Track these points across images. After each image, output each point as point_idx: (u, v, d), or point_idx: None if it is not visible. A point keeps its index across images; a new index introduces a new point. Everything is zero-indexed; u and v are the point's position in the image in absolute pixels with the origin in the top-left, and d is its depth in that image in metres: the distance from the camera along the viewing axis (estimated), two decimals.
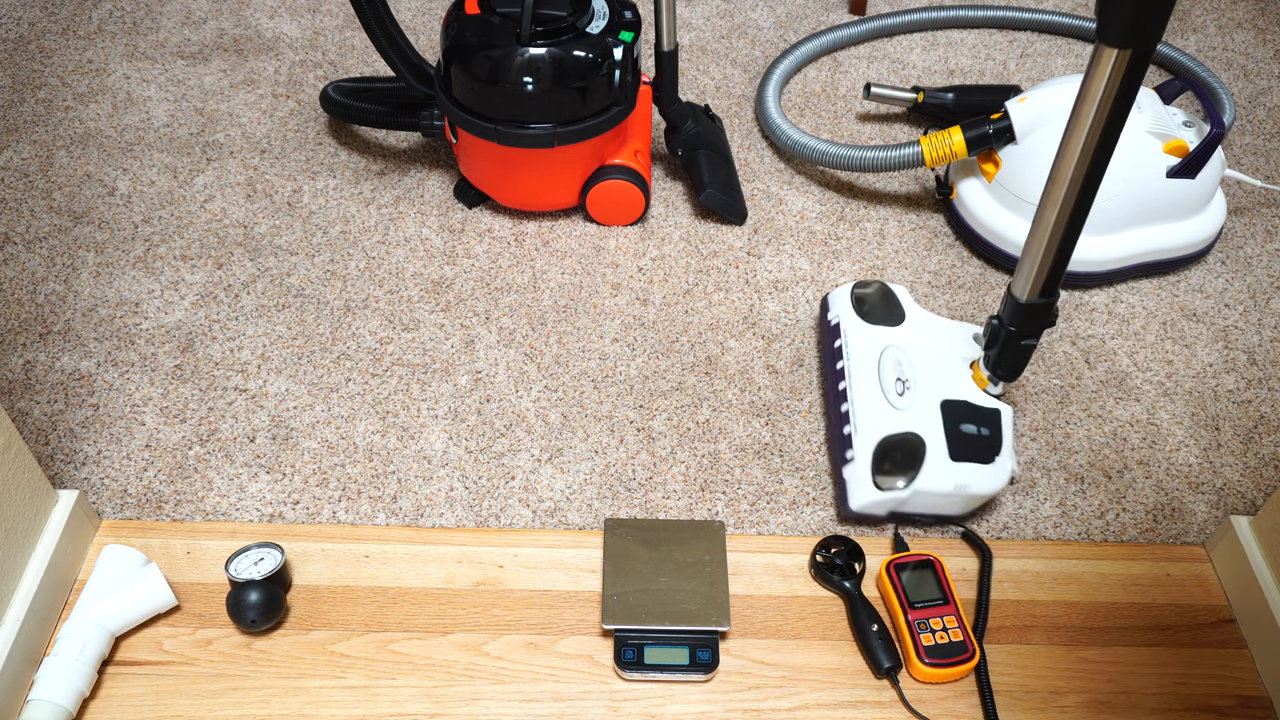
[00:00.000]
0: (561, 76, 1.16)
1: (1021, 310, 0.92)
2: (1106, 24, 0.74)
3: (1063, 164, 0.83)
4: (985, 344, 0.98)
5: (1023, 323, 0.93)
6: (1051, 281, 0.90)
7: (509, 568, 0.97)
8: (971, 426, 0.99)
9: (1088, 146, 0.80)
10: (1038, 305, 0.92)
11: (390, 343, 1.16)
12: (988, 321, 0.97)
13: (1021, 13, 1.64)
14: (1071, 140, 0.81)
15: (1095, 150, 0.80)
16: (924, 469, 0.96)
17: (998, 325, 0.95)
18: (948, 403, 1.00)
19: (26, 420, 1.07)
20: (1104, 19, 0.74)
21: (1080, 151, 0.81)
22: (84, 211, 1.29)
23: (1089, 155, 0.81)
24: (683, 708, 0.88)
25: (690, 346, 1.17)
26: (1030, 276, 0.90)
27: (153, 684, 0.88)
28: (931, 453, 0.97)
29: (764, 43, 1.62)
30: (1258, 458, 1.09)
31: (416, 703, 0.88)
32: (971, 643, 0.89)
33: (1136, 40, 0.74)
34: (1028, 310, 0.92)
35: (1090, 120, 0.79)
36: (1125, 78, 0.76)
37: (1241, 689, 0.92)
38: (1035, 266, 0.89)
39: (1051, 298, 0.91)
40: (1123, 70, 0.75)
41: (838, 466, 1.02)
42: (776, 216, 1.34)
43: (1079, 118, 0.80)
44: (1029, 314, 0.92)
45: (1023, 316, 0.93)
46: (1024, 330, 0.94)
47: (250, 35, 1.58)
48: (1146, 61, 0.75)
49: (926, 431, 0.98)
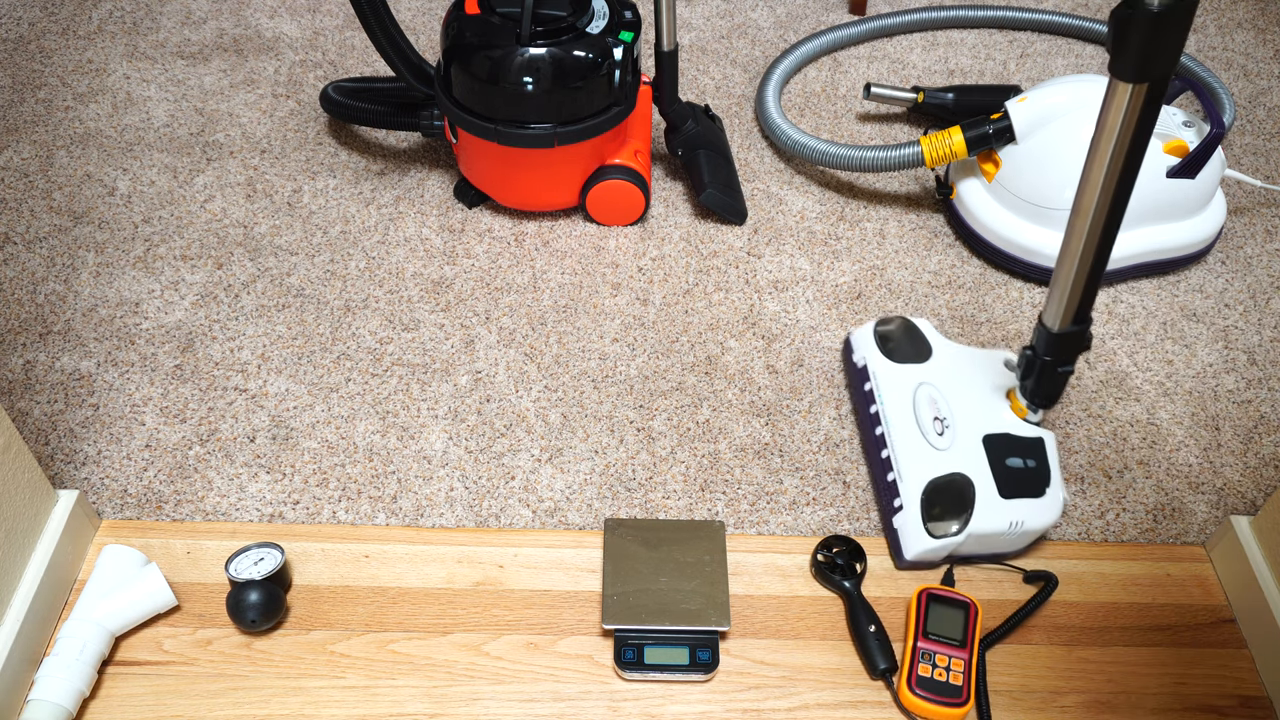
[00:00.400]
0: (561, 76, 1.16)
1: (1056, 340, 0.91)
2: (1120, 60, 0.73)
3: (1085, 196, 0.82)
4: (1021, 374, 0.96)
5: (1057, 352, 0.92)
6: (1084, 309, 0.89)
7: (509, 568, 0.97)
8: (1018, 460, 0.96)
9: (1109, 178, 0.79)
10: (1071, 334, 0.90)
11: (390, 343, 1.16)
12: (1021, 352, 0.95)
13: (1021, 13, 1.64)
14: (1092, 174, 0.80)
15: (1118, 182, 0.79)
16: (976, 510, 0.94)
17: (1032, 356, 0.93)
18: (990, 437, 0.98)
19: (26, 420, 1.07)
20: (1117, 55, 0.72)
21: (1103, 184, 0.80)
22: (84, 211, 1.29)
23: (1111, 187, 0.80)
24: (683, 708, 0.88)
25: (690, 346, 1.17)
26: (1061, 306, 0.89)
27: (153, 684, 0.88)
28: (981, 492, 0.94)
29: (764, 43, 1.62)
30: (1258, 458, 1.09)
31: (416, 703, 0.88)
32: (968, 693, 0.87)
33: (1150, 74, 0.73)
34: (1062, 339, 0.90)
35: (1110, 153, 0.78)
36: (1143, 110, 0.75)
37: (1241, 689, 0.92)
38: (1065, 296, 0.88)
39: (1084, 324, 0.90)
40: (1140, 104, 0.74)
41: (886, 516, 0.99)
42: (776, 216, 1.34)
43: (1098, 150, 0.78)
44: (1063, 343, 0.91)
45: (1057, 346, 0.91)
46: (1059, 359, 0.92)
47: (250, 35, 1.58)
48: (1163, 91, 0.74)
49: (973, 470, 0.96)
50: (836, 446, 1.08)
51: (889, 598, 0.96)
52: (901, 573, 0.98)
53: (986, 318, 1.22)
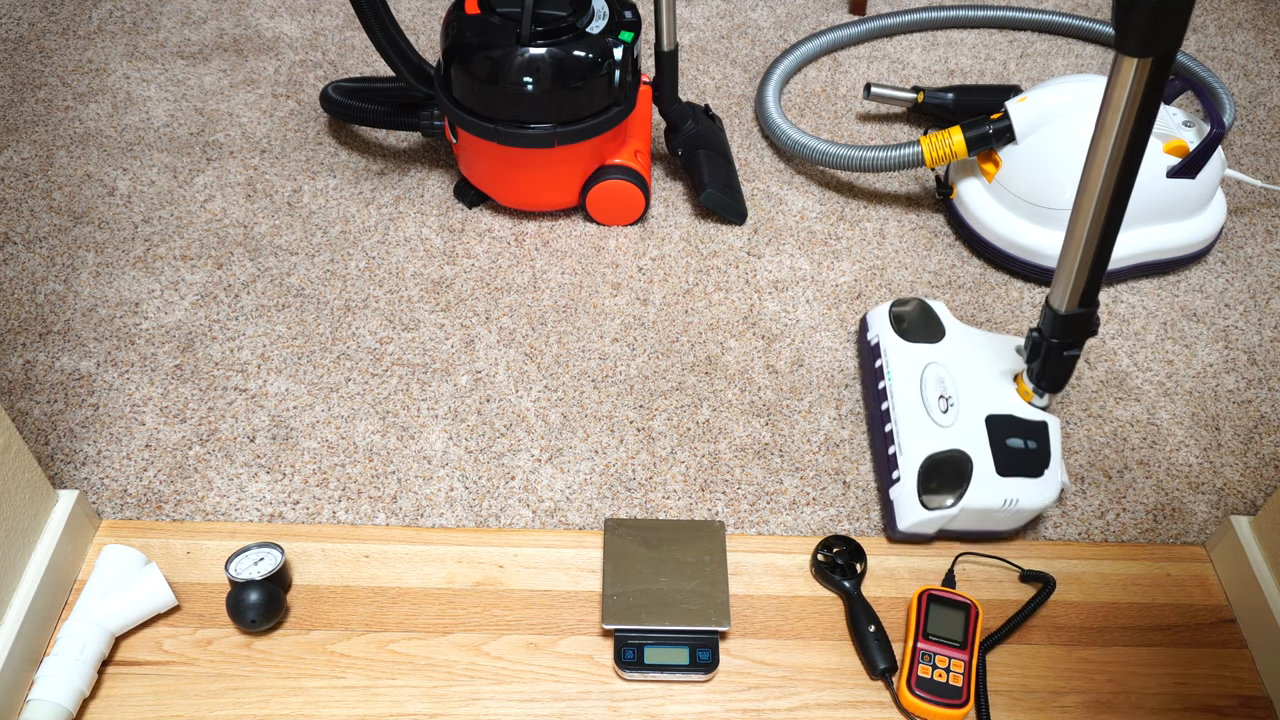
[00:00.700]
0: (561, 76, 1.16)
1: (1062, 321, 0.91)
2: (1125, 34, 0.72)
3: (1091, 175, 0.82)
4: (1027, 357, 0.97)
5: (1064, 333, 0.92)
6: (1090, 291, 0.89)
7: (509, 568, 0.97)
8: (1018, 440, 0.97)
9: (1115, 156, 0.79)
10: (1078, 315, 0.91)
11: (390, 343, 1.16)
12: (1028, 334, 0.96)
13: (1021, 13, 1.64)
14: (1098, 153, 0.80)
15: (1124, 160, 0.79)
16: (971, 486, 0.95)
17: (1039, 338, 0.94)
18: (993, 417, 0.99)
19: (26, 420, 1.07)
20: (1122, 29, 0.72)
21: (1108, 162, 0.80)
22: (84, 211, 1.29)
23: (1117, 165, 0.80)
24: (683, 708, 0.88)
25: (690, 346, 1.17)
26: (1068, 288, 0.89)
27: (153, 684, 0.88)
28: (979, 469, 0.96)
29: (764, 43, 1.62)
30: (1258, 458, 1.09)
31: (416, 703, 0.88)
32: (967, 694, 0.87)
33: (1157, 48, 0.73)
34: (1068, 321, 0.91)
35: (1116, 131, 0.78)
36: (1148, 86, 0.75)
37: (1241, 689, 0.92)
38: (1072, 278, 0.88)
39: (1091, 307, 0.90)
40: (1145, 79, 0.74)
41: (884, 488, 1.01)
42: (776, 216, 1.34)
43: (1104, 129, 0.78)
44: (1069, 324, 0.91)
45: (1063, 327, 0.92)
46: (1065, 341, 0.93)
47: (250, 35, 1.58)
48: (1168, 68, 0.74)
49: (972, 448, 0.97)
50: (836, 446, 1.08)
51: (889, 598, 0.96)
52: (902, 573, 0.98)
53: (986, 318, 1.22)
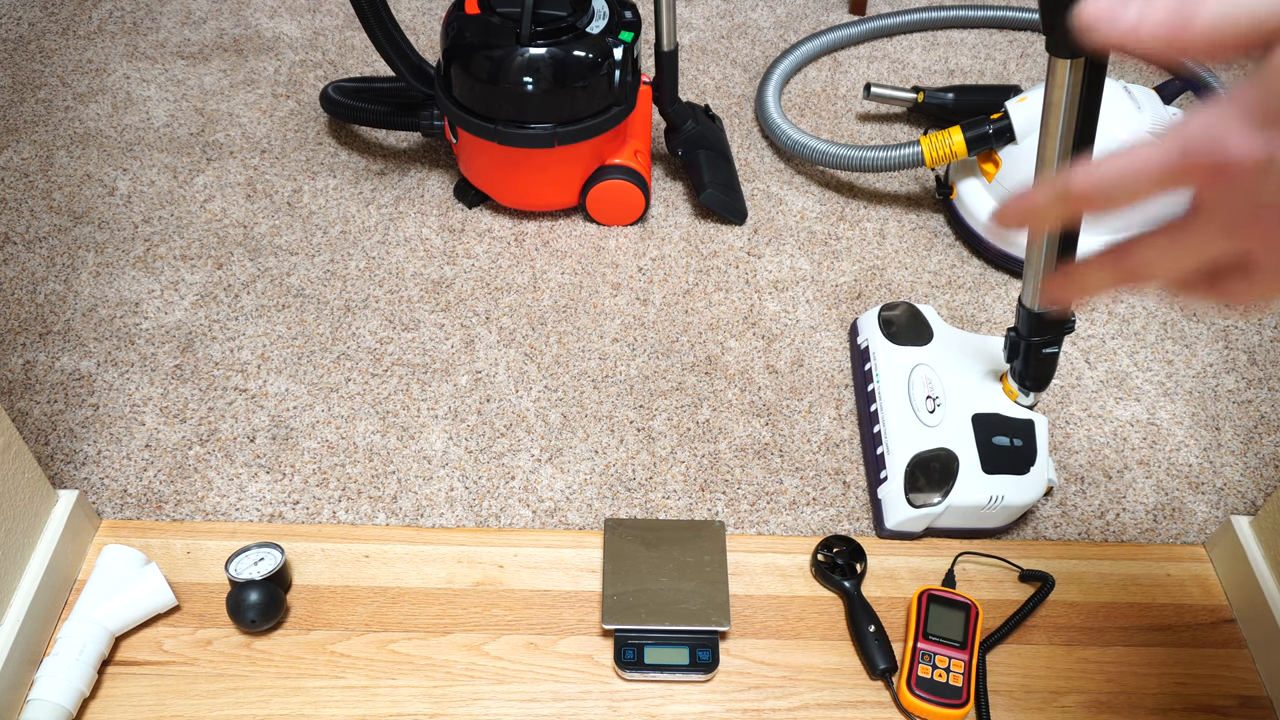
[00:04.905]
0: (561, 76, 1.16)
1: (1035, 319, 0.92)
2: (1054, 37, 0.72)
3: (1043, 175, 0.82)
4: (1007, 356, 0.98)
5: (1039, 331, 0.92)
6: None
7: (509, 568, 0.97)
8: (1004, 438, 0.98)
9: (1062, 157, 0.79)
10: (1051, 312, 0.91)
11: (390, 343, 1.16)
12: (1006, 334, 0.97)
13: (1021, 13, 1.64)
14: (1046, 154, 0.80)
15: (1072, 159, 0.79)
16: (957, 483, 0.95)
17: (1015, 337, 0.95)
18: (979, 416, 1.00)
19: (26, 420, 1.07)
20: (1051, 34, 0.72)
21: (1056, 164, 0.80)
22: (84, 211, 1.29)
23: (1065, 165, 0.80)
24: (683, 708, 0.88)
25: (690, 346, 1.17)
26: (1036, 285, 0.89)
27: (153, 684, 0.88)
28: (965, 467, 0.96)
29: (764, 43, 1.62)
30: (1258, 458, 1.09)
31: (416, 703, 0.88)
32: (967, 694, 0.87)
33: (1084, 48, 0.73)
34: (1041, 318, 0.91)
35: (1060, 133, 0.78)
36: (1085, 86, 0.74)
37: (1241, 689, 0.92)
38: (1039, 275, 0.89)
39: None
40: (1080, 80, 0.74)
41: (873, 488, 1.02)
42: (776, 216, 1.34)
43: (1048, 130, 0.79)
44: (1043, 322, 0.92)
45: (1037, 325, 0.92)
46: (1043, 339, 0.93)
47: (250, 35, 1.58)
48: (1104, 66, 0.74)
49: (959, 446, 0.98)
50: (836, 446, 1.08)
51: (889, 598, 0.96)
52: (902, 573, 0.98)
53: (986, 318, 1.22)
